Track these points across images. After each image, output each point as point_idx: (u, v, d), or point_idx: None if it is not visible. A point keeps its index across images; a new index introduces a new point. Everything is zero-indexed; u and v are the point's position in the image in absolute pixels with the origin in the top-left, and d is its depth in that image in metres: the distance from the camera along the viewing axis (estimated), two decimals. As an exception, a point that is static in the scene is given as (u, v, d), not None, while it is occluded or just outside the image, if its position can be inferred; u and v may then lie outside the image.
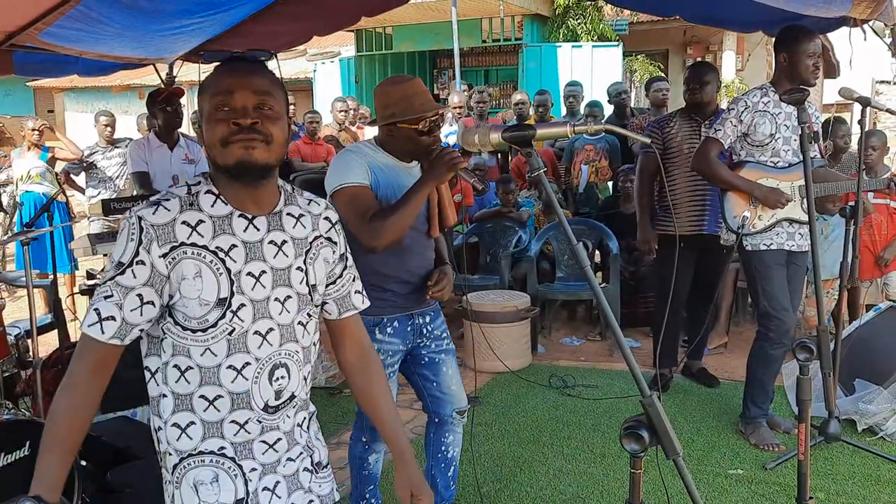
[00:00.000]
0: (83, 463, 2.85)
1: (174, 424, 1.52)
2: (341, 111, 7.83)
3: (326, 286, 1.69)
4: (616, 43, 10.69)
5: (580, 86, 7.51)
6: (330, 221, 1.68)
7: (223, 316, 1.47)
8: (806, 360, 2.36)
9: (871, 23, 4.18)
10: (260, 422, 1.55)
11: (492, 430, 4.11)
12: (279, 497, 1.60)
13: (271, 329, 1.54)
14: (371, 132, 8.11)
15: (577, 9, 11.02)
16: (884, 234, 5.10)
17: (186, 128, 7.65)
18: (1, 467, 2.59)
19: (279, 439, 1.60)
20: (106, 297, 1.43)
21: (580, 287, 5.74)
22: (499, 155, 7.17)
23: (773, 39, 3.95)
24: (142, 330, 1.48)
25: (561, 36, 11.01)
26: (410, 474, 1.73)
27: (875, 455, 3.63)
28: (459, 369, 3.02)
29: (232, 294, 1.48)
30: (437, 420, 2.88)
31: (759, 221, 3.74)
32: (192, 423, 1.52)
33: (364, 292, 1.82)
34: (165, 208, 1.45)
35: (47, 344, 4.26)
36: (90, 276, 4.57)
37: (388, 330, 2.65)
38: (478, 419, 4.25)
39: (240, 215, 1.52)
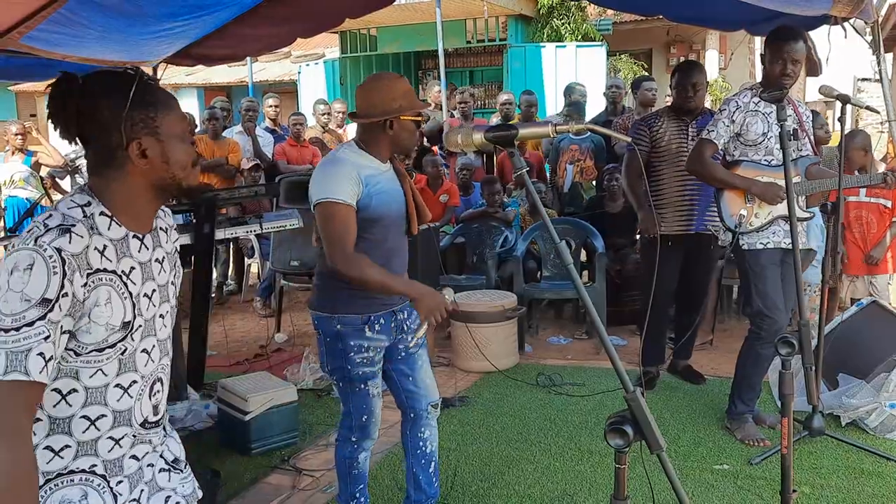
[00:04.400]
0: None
1: (46, 447, 1.46)
2: (323, 114, 7.82)
3: None
4: (600, 43, 10.74)
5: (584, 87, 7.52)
6: (176, 231, 1.71)
7: (123, 338, 1.47)
8: (788, 355, 2.39)
9: (851, 21, 4.22)
10: (135, 436, 1.56)
11: (479, 429, 4.12)
12: (145, 502, 1.60)
13: (154, 346, 1.57)
14: (354, 133, 8.12)
15: (561, 9, 11.06)
16: (873, 232, 5.15)
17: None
18: None
19: (146, 452, 1.61)
20: (45, 339, 1.34)
21: (566, 286, 5.77)
22: (484, 156, 7.19)
23: (756, 38, 3.98)
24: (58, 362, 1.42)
25: (545, 36, 11.05)
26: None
27: (859, 448, 3.67)
28: (448, 369, 3.05)
29: (134, 317, 1.49)
30: (412, 415, 2.94)
31: (755, 219, 3.76)
32: (67, 445, 1.48)
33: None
34: (77, 235, 1.39)
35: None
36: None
37: (376, 327, 2.68)
38: (466, 418, 4.26)
39: (133, 236, 1.51)
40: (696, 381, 4.74)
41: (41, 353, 1.34)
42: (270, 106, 7.73)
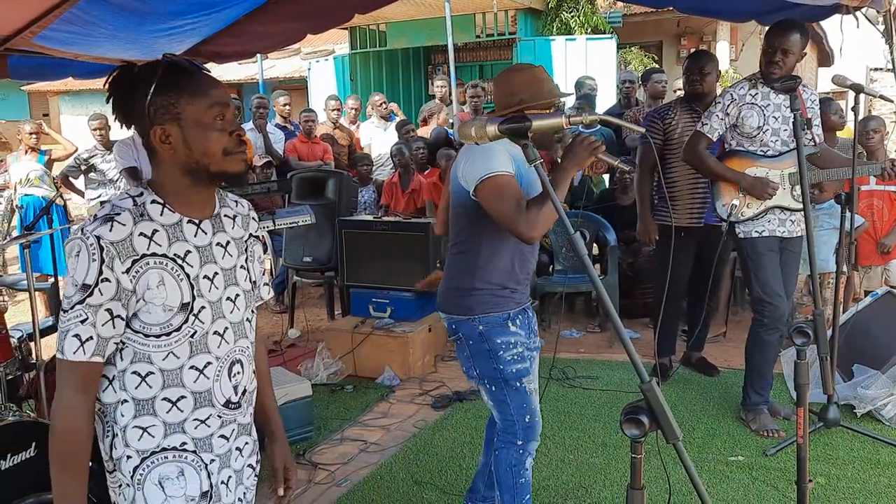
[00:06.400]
0: (89, 464, 2.86)
1: (136, 427, 1.54)
2: (334, 110, 7.83)
3: None
4: (610, 35, 10.68)
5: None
6: (255, 221, 1.76)
7: (186, 320, 1.53)
8: (803, 345, 2.38)
9: (863, 10, 4.19)
10: (220, 416, 1.62)
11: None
12: (230, 490, 1.66)
13: (227, 328, 1.61)
14: (366, 129, 8.14)
15: (571, 2, 11.00)
16: (885, 220, 5.12)
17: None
18: (8, 468, 2.60)
19: (234, 432, 1.66)
20: (82, 321, 1.45)
21: (579, 279, 5.75)
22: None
23: (767, 29, 3.97)
24: (116, 343, 1.51)
25: (555, 29, 11.00)
26: (286, 450, 1.86)
27: (874, 439, 3.66)
28: (458, 364, 3.00)
29: (193, 298, 1.54)
30: None
31: (747, 209, 3.77)
32: (154, 424, 1.55)
33: (268, 283, 1.87)
34: (120, 223, 1.47)
35: (50, 346, 4.24)
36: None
37: (517, 322, 2.60)
38: (480, 412, 4.27)
39: (188, 221, 1.57)
40: (710, 373, 4.73)
41: (77, 335, 1.45)
42: (282, 103, 7.75)
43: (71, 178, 7.14)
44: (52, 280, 4.55)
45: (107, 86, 1.55)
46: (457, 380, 4.80)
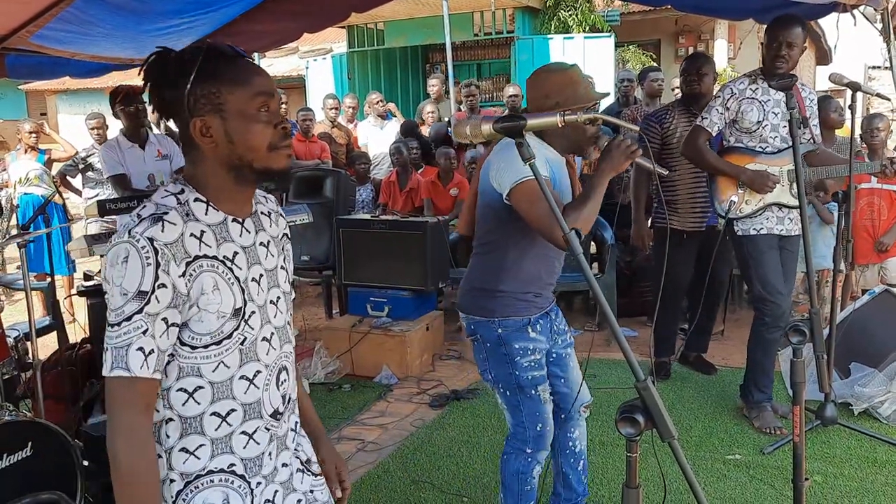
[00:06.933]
0: (85, 463, 2.87)
1: (182, 449, 1.43)
2: (331, 108, 7.83)
3: None
4: (608, 34, 10.68)
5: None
6: (284, 218, 1.65)
7: (238, 326, 1.42)
8: (799, 343, 2.39)
9: (861, 8, 4.19)
10: (268, 429, 1.51)
11: (491, 421, 4.13)
12: None
13: (272, 333, 1.51)
14: (364, 128, 8.13)
15: (568, 0, 11.01)
16: (884, 219, 5.12)
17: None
18: (4, 468, 2.60)
19: (279, 448, 1.56)
20: (144, 332, 1.32)
21: (577, 278, 5.74)
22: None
23: (765, 28, 3.97)
24: (170, 355, 1.38)
25: (552, 28, 11.00)
26: (332, 450, 1.77)
27: (871, 437, 3.67)
28: (459, 362, 2.99)
29: (244, 302, 1.44)
30: (562, 416, 2.78)
31: (745, 206, 3.76)
32: (202, 444, 1.44)
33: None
34: (170, 223, 1.35)
35: (47, 346, 4.27)
36: (87, 277, 4.57)
37: (537, 328, 2.57)
38: (477, 411, 4.28)
39: (233, 220, 1.46)
40: (708, 371, 4.74)
41: (140, 348, 1.32)
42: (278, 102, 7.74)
43: (69, 177, 7.14)
44: (49, 279, 4.54)
45: (141, 73, 1.41)
46: (454, 379, 4.81)
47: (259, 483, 1.50)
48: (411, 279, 5.13)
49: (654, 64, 11.17)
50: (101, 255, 4.47)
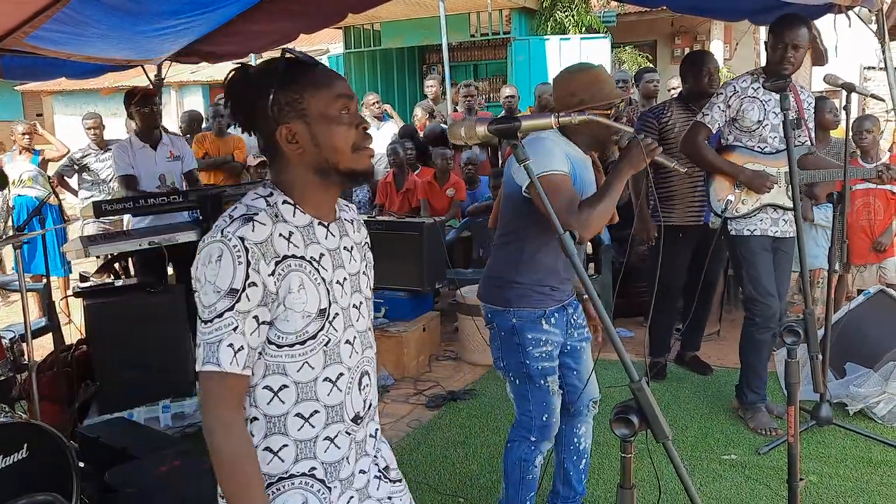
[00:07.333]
0: (81, 464, 2.86)
1: (266, 448, 1.46)
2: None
3: None
4: (604, 35, 10.70)
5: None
6: (363, 226, 1.68)
7: (322, 327, 1.45)
8: (793, 344, 2.40)
9: (856, 9, 4.20)
10: (349, 433, 1.53)
11: (487, 421, 4.13)
12: None
13: (355, 336, 1.54)
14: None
15: (565, 1, 11.02)
16: (880, 218, 5.13)
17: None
18: (0, 469, 2.60)
19: (358, 454, 1.58)
20: (235, 329, 1.36)
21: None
22: (489, 149, 7.19)
23: (761, 28, 3.97)
24: (259, 353, 1.42)
25: (549, 29, 11.01)
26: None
27: (866, 437, 3.67)
28: (455, 363, 3.00)
29: (329, 304, 1.47)
30: (570, 410, 2.81)
31: (742, 206, 3.76)
32: (285, 445, 1.46)
33: None
34: (260, 223, 1.39)
35: (42, 347, 4.27)
36: (83, 278, 4.57)
37: (552, 321, 2.61)
38: (473, 411, 4.28)
39: (318, 223, 1.50)
40: (704, 371, 4.74)
41: (230, 344, 1.36)
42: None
43: (66, 178, 7.13)
44: (44, 280, 4.53)
45: (224, 88, 1.46)
46: (451, 379, 4.81)
47: (336, 487, 1.52)
48: (408, 280, 5.13)
49: (650, 65, 11.19)
50: (97, 257, 4.48)
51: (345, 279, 1.52)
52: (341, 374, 1.50)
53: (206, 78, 14.82)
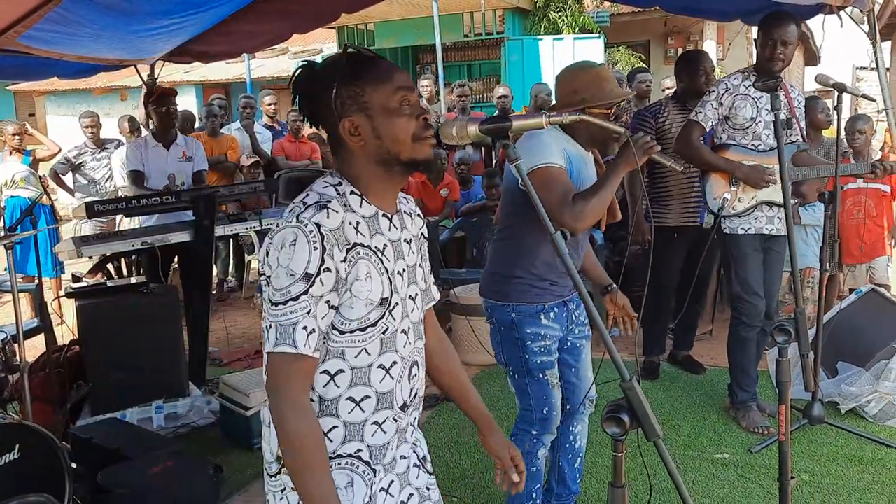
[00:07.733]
0: (73, 465, 2.86)
1: None
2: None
3: None
4: (598, 35, 10.72)
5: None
6: (421, 218, 1.71)
7: (382, 315, 1.49)
8: (784, 343, 2.40)
9: (847, 10, 4.21)
10: (395, 420, 1.57)
11: (481, 421, 4.13)
12: (392, 496, 1.60)
13: (409, 327, 1.58)
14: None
15: (558, 1, 11.04)
16: (873, 216, 5.15)
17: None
18: (-9, 470, 2.59)
19: (399, 440, 1.62)
20: (308, 312, 1.40)
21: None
22: (482, 149, 7.19)
23: (754, 29, 3.98)
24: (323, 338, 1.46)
25: (542, 29, 11.03)
26: (502, 437, 1.85)
27: (858, 436, 3.69)
28: None
29: (391, 293, 1.51)
30: (567, 408, 2.81)
31: (738, 203, 3.77)
32: (335, 426, 1.50)
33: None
34: (334, 210, 1.42)
35: (34, 348, 4.25)
36: (76, 279, 4.55)
37: (551, 315, 2.62)
38: (467, 411, 4.27)
39: (383, 214, 1.53)
40: (696, 371, 4.75)
41: (305, 327, 1.40)
42: (268, 103, 7.74)
43: (61, 175, 7.11)
44: (36, 281, 4.52)
45: (290, 86, 1.52)
46: (444, 379, 4.80)
47: (379, 470, 1.56)
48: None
49: (644, 65, 11.21)
50: (90, 257, 4.47)
51: (404, 270, 1.56)
52: (395, 363, 1.54)
53: (199, 78, 14.80)
